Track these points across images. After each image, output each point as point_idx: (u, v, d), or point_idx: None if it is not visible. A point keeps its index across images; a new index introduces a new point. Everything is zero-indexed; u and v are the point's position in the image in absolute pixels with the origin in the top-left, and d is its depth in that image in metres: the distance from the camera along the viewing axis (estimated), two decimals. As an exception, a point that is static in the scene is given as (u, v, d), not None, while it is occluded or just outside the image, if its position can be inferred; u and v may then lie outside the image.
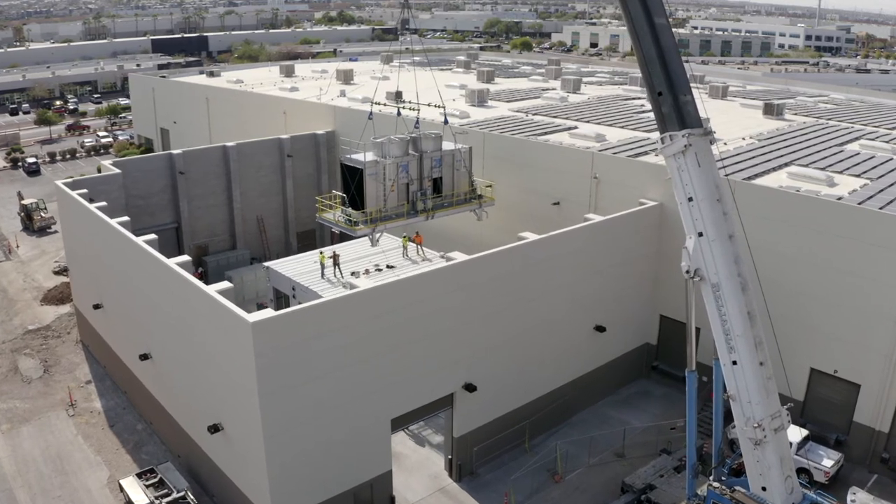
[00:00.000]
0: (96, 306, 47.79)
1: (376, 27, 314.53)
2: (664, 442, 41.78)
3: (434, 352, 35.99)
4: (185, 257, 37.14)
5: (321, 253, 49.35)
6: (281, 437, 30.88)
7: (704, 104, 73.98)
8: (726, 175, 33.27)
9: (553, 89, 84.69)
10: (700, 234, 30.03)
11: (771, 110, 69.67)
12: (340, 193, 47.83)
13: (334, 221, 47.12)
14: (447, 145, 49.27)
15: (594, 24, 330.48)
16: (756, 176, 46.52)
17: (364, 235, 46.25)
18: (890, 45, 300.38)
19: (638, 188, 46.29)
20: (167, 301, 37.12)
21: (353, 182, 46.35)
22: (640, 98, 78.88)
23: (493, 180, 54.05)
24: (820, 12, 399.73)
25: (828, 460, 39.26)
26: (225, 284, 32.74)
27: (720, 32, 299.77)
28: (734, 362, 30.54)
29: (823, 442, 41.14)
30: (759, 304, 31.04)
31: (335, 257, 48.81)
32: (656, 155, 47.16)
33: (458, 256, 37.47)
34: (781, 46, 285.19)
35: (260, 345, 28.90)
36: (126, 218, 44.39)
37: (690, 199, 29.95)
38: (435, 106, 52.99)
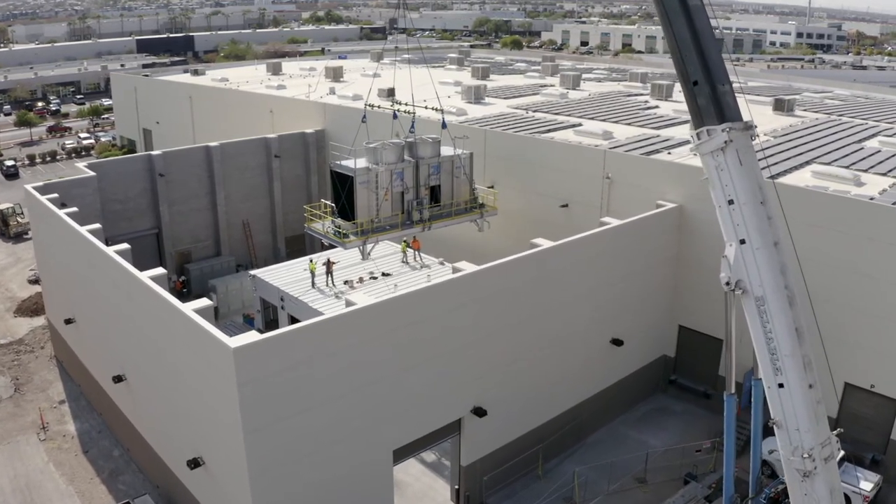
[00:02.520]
0: (68, 321, 44.06)
1: (364, 26, 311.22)
2: (689, 465, 38.33)
3: (441, 374, 32.46)
4: (160, 270, 33.29)
5: (311, 261, 45.86)
6: (269, 477, 27.25)
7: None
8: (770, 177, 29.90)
9: (552, 86, 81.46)
10: (742, 242, 26.54)
11: (781, 106, 66.41)
12: (329, 203, 44.27)
13: (323, 233, 43.57)
14: (446, 150, 45.69)
15: (584, 22, 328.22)
16: (779, 175, 43.19)
17: (354, 247, 42.65)
18: (880, 43, 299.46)
19: (655, 189, 42.87)
20: (140, 318, 33.41)
21: (343, 190, 42.83)
22: (643, 94, 75.81)
23: (494, 181, 50.64)
24: (809, 10, 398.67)
25: (866, 483, 35.99)
26: (204, 302, 28.97)
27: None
28: (780, 385, 27.04)
29: (859, 462, 37.86)
30: (808, 318, 27.57)
31: (328, 265, 45.36)
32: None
33: (467, 267, 33.79)
34: (773, 44, 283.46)
35: (244, 373, 25.28)
36: (97, 225, 40.70)
37: (731, 202, 26.51)
38: (434, 109, 49.34)
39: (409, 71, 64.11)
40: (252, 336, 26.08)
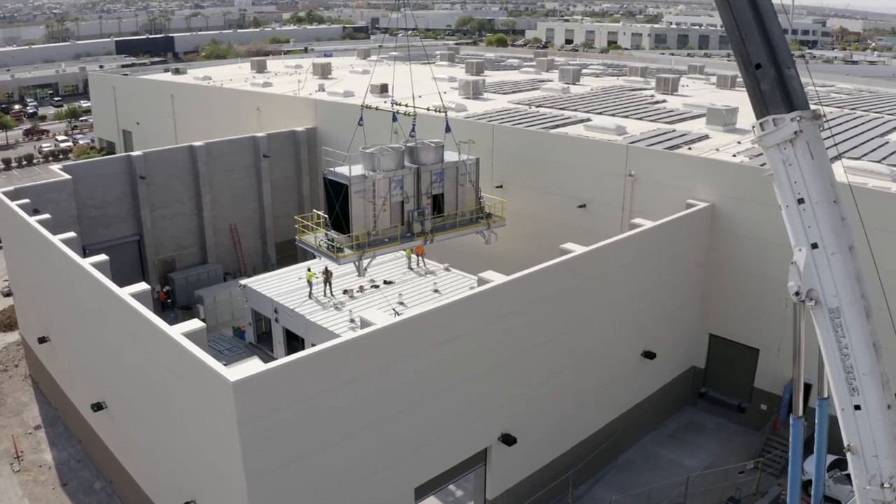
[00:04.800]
0: (42, 339, 40.05)
1: (347, 25, 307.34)
2: (731, 489, 34.93)
3: (468, 400, 28.82)
4: (143, 286, 29.16)
5: (309, 269, 42.20)
6: (275, 527, 23.42)
7: (715, 94, 67.90)
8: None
9: (550, 80, 78.11)
10: (814, 246, 23.08)
11: (792, 99, 63.30)
12: (322, 214, 40.46)
13: (315, 246, 39.71)
14: (450, 156, 41.98)
15: (567, 20, 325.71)
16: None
17: (349, 263, 38.87)
18: (864, 39, 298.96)
19: (684, 187, 39.46)
20: (122, 341, 29.31)
21: (337, 200, 38.85)
22: (646, 88, 72.65)
23: (503, 181, 47.07)
24: (792, 8, 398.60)
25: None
26: (195, 324, 24.96)
27: (696, 27, 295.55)
28: (857, 407, 23.58)
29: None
30: (887, 331, 24.19)
31: (326, 273, 41.70)
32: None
33: (495, 277, 30.07)
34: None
35: (245, 411, 21.38)
36: (72, 234, 36.72)
37: (801, 201, 22.98)
38: (437, 110, 45.50)
39: (402, 67, 60.32)
40: (254, 366, 22.00)
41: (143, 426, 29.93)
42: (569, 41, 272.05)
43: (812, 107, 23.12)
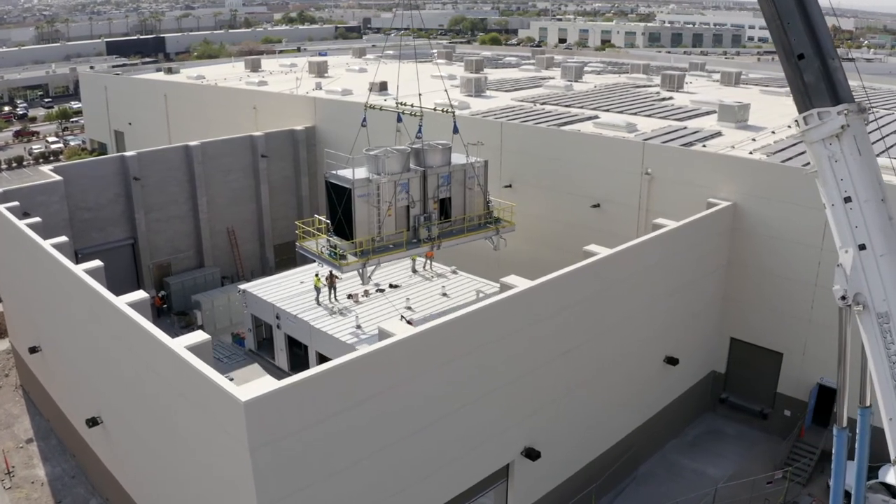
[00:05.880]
0: (33, 349, 38.23)
1: (339, 25, 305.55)
2: (759, 500, 33.40)
3: (492, 413, 27.14)
4: (141, 294, 27.29)
5: (317, 275, 40.49)
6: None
7: (721, 91, 66.20)
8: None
9: (552, 78, 76.60)
10: (861, 247, 21.56)
11: (807, 95, 61.88)
12: (324, 219, 38.70)
13: (317, 253, 37.93)
14: (456, 158, 40.27)
15: (560, 20, 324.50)
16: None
17: (353, 271, 37.10)
18: (856, 37, 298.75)
19: (704, 185, 37.92)
20: (118, 354, 27.42)
21: (339, 205, 37.10)
22: (651, 85, 71.19)
23: (512, 180, 45.46)
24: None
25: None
26: (200, 336, 23.07)
27: (690, 26, 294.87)
28: (907, 417, 22.14)
29: None
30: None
31: (330, 278, 40.09)
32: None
33: (519, 282, 28.32)
34: (751, 39, 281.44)
35: (258, 434, 19.45)
36: (64, 238, 34.83)
37: (848, 200, 21.49)
38: (443, 111, 43.76)
39: (399, 66, 58.69)
40: (267, 385, 19.93)
41: (142, 444, 28.05)
42: (562, 40, 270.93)
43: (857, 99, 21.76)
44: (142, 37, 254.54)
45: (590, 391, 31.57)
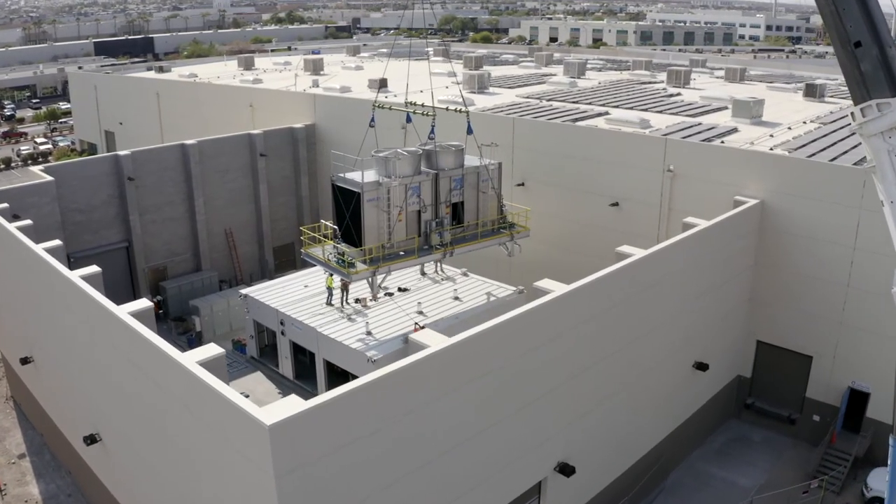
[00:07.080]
0: (24, 360, 36.19)
1: (329, 25, 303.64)
2: (795, 512, 31.92)
3: (525, 428, 25.43)
4: (145, 303, 25.31)
5: (330, 275, 38.44)
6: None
7: (728, 87, 64.61)
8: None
9: (554, 75, 75.10)
10: (923, 248, 20.08)
11: (813, 92, 60.46)
12: (331, 224, 36.79)
13: (324, 260, 35.99)
14: (469, 160, 38.31)
15: (551, 19, 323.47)
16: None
17: (362, 279, 35.10)
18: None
19: (729, 182, 36.35)
20: (119, 367, 25.43)
21: (347, 209, 35.00)
22: (655, 82, 69.64)
23: (525, 178, 43.73)
24: (775, 5, 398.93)
25: None
26: (213, 350, 21.08)
27: (681, 24, 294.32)
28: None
29: None
30: None
31: (344, 283, 38.23)
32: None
33: (554, 286, 26.50)
34: (742, 37, 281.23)
35: (284, 460, 17.55)
36: (57, 242, 32.96)
37: (908, 197, 20.11)
38: (457, 110, 41.75)
39: (396, 63, 56.86)
40: (294, 405, 17.89)
41: (146, 466, 26.02)
42: (553, 39, 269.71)
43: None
44: (130, 37, 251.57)
45: (624, 400, 30.00)
